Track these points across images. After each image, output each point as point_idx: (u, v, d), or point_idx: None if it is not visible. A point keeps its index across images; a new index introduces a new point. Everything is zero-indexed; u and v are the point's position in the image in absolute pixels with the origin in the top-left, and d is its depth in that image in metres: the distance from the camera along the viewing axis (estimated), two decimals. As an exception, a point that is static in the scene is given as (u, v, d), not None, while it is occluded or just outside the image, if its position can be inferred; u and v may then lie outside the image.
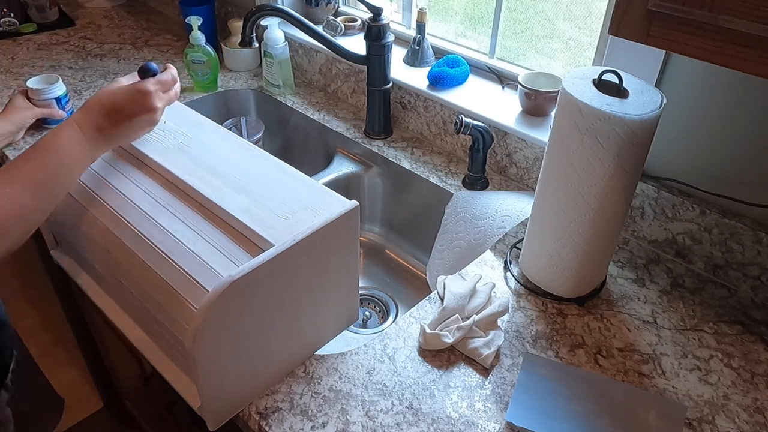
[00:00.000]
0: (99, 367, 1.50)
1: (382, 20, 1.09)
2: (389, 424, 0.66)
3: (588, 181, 0.70)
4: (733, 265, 0.85)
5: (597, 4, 1.16)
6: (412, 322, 0.79)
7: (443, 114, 1.14)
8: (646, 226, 0.92)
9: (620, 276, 0.87)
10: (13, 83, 1.35)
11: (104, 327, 1.18)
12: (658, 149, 0.89)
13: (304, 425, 0.66)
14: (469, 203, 1.00)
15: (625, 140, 0.66)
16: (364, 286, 1.17)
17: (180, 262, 0.66)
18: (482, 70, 1.19)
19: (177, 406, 0.98)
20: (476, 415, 0.68)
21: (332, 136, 1.25)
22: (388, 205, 1.22)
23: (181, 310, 0.64)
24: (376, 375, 0.72)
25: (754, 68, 0.48)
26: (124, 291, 0.75)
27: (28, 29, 1.63)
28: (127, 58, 1.51)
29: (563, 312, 0.81)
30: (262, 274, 0.61)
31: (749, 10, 0.46)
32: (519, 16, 1.32)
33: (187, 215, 0.72)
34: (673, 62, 0.82)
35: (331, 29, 1.33)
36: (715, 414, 0.68)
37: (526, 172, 1.05)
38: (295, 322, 0.69)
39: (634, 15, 0.53)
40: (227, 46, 1.44)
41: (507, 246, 0.92)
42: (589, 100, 0.66)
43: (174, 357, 0.72)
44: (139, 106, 0.73)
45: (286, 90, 1.36)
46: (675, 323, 0.80)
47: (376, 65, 1.13)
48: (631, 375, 0.73)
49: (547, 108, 1.04)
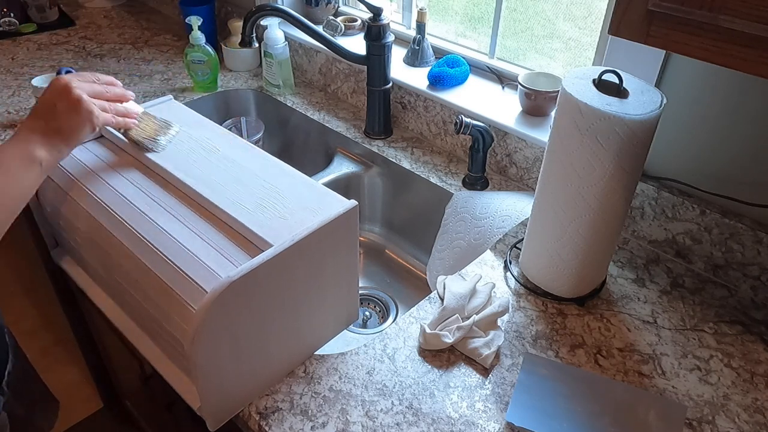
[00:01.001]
0: (99, 367, 1.50)
1: (382, 20, 1.08)
2: (389, 424, 0.66)
3: (588, 181, 0.70)
4: (733, 265, 0.85)
5: (597, 4, 1.16)
6: (412, 322, 0.79)
7: (443, 114, 1.14)
8: (646, 226, 0.92)
9: (620, 276, 0.87)
10: (13, 83, 1.35)
11: (104, 327, 1.18)
12: (658, 149, 0.89)
13: (304, 425, 0.66)
14: (469, 203, 1.00)
15: (625, 140, 0.66)
16: (364, 286, 1.17)
17: (179, 262, 0.66)
18: (482, 70, 1.19)
19: (177, 406, 0.98)
20: (476, 415, 0.68)
21: (332, 136, 1.25)
22: (388, 205, 1.22)
23: (180, 311, 0.64)
24: (376, 375, 0.72)
25: (754, 68, 0.48)
26: (123, 291, 0.75)
27: (28, 29, 1.63)
28: (127, 58, 1.51)
29: (563, 312, 0.81)
30: (261, 274, 0.61)
31: (749, 10, 0.46)
32: (519, 16, 1.32)
33: (185, 216, 0.72)
34: (673, 62, 0.82)
35: (331, 29, 1.33)
36: (715, 414, 0.68)
37: (526, 172, 1.05)
38: (294, 322, 0.69)
39: (634, 15, 0.53)
40: (227, 46, 1.44)
41: (507, 246, 0.92)
42: (589, 100, 0.66)
43: (174, 357, 0.72)
44: (56, 96, 0.73)
45: (286, 90, 1.36)
46: (675, 323, 0.80)
47: (376, 65, 1.13)
48: (631, 375, 0.72)
49: (547, 108, 1.04)
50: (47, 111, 0.73)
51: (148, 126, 0.83)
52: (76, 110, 0.74)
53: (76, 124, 0.74)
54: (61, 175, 0.82)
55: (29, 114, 0.73)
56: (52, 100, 0.73)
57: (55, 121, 0.73)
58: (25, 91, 1.32)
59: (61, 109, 0.73)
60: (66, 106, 0.73)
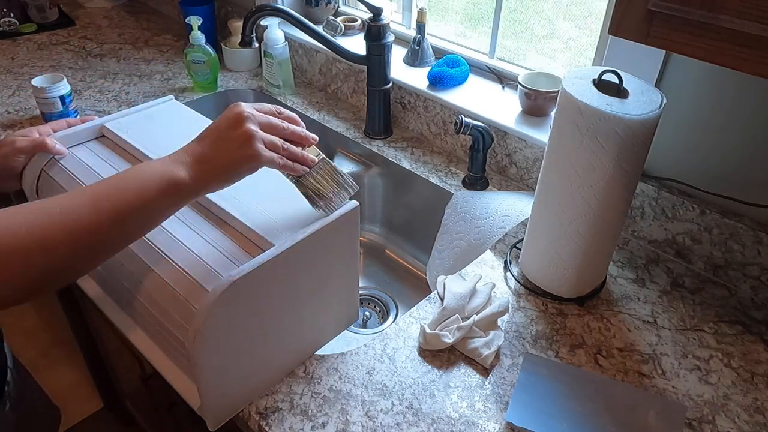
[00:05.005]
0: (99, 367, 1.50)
1: (382, 20, 1.09)
2: (389, 424, 0.66)
3: (588, 181, 0.70)
4: (733, 265, 0.85)
5: (597, 4, 1.16)
6: (412, 322, 0.79)
7: (443, 114, 1.14)
8: (646, 226, 0.92)
9: (620, 276, 0.87)
10: (13, 83, 1.35)
11: (104, 327, 1.18)
12: (658, 149, 0.89)
13: (304, 425, 0.66)
14: (469, 203, 1.00)
15: (625, 140, 0.66)
16: (364, 286, 1.17)
17: (180, 262, 0.66)
18: (482, 70, 1.19)
19: (177, 406, 0.98)
20: (476, 415, 0.68)
21: (332, 136, 1.25)
22: (388, 205, 1.22)
23: (182, 311, 0.64)
24: (376, 375, 0.72)
25: (754, 68, 0.48)
26: (124, 291, 0.75)
27: (28, 29, 1.63)
28: (127, 58, 1.51)
29: (563, 312, 0.81)
30: (262, 274, 0.61)
31: (749, 10, 0.46)
32: (519, 16, 1.32)
33: (187, 216, 0.72)
34: (673, 62, 0.82)
35: (331, 29, 1.33)
36: (715, 414, 0.68)
37: (526, 172, 1.05)
38: (295, 322, 0.69)
39: (634, 15, 0.53)
40: (227, 46, 1.44)
41: (507, 246, 0.92)
42: (589, 100, 0.66)
43: (174, 357, 0.72)
44: (226, 120, 0.64)
45: (286, 90, 1.36)
46: (675, 323, 0.80)
47: (376, 65, 1.13)
48: (631, 375, 0.73)
49: (547, 108, 1.04)
50: (210, 137, 0.64)
51: (325, 179, 0.69)
52: (242, 145, 0.63)
53: (236, 159, 0.63)
54: (62, 174, 0.82)
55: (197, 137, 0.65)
56: (220, 126, 0.64)
57: (212, 150, 0.63)
58: (25, 91, 1.32)
59: (224, 138, 0.63)
60: (233, 137, 0.63)
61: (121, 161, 0.82)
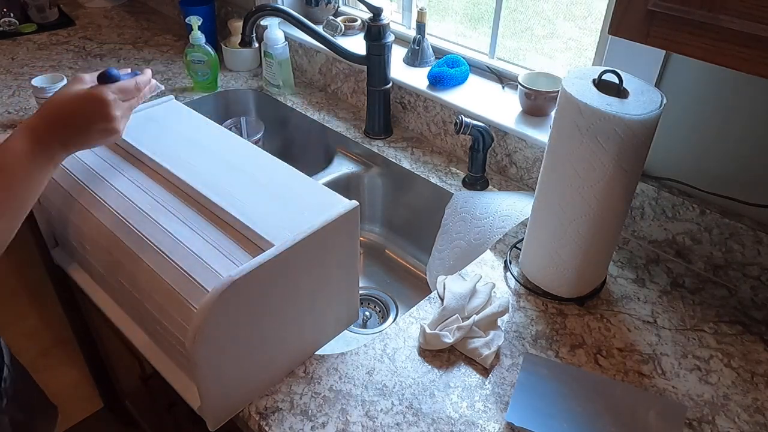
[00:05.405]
0: (99, 367, 1.50)
1: (382, 20, 1.08)
2: (389, 424, 0.66)
3: (588, 181, 0.70)
4: (733, 265, 0.85)
5: (597, 4, 1.16)
6: (412, 322, 0.79)
7: (443, 114, 1.14)
8: (646, 226, 0.92)
9: (620, 276, 0.87)
10: (13, 83, 1.35)
11: (104, 327, 1.18)
12: (658, 149, 0.89)
13: (304, 425, 0.66)
14: (469, 203, 1.00)
15: (625, 140, 0.66)
16: (364, 286, 1.17)
17: (180, 262, 0.66)
18: (482, 70, 1.19)
19: (177, 406, 0.98)
20: (476, 415, 0.68)
21: (332, 136, 1.25)
22: (388, 205, 1.22)
23: (181, 310, 0.64)
24: (376, 375, 0.72)
25: (754, 68, 0.48)
26: (124, 291, 0.75)
27: (28, 29, 1.63)
28: (127, 58, 1.51)
29: (563, 312, 0.81)
30: (262, 274, 0.61)
31: (749, 10, 0.46)
32: (519, 16, 1.32)
33: (187, 215, 0.72)
34: (673, 62, 0.82)
35: (331, 29, 1.33)
36: (715, 414, 0.68)
37: (526, 172, 1.05)
38: (295, 322, 0.69)
39: (634, 15, 0.53)
40: (227, 46, 1.44)
41: (507, 246, 0.92)
42: (589, 100, 0.66)
43: (174, 357, 0.72)
44: (95, 113, 0.69)
45: (286, 90, 1.36)
46: (675, 323, 0.80)
47: (376, 65, 1.13)
48: (631, 375, 0.73)
49: (547, 108, 1.04)
50: (78, 125, 0.69)
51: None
52: (109, 134, 0.71)
53: (104, 142, 0.73)
54: (62, 175, 0.82)
55: (50, 109, 0.68)
56: (88, 118, 0.69)
57: (83, 137, 0.69)
58: (25, 91, 1.32)
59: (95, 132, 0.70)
60: (100, 130, 0.70)
61: (121, 161, 0.82)
